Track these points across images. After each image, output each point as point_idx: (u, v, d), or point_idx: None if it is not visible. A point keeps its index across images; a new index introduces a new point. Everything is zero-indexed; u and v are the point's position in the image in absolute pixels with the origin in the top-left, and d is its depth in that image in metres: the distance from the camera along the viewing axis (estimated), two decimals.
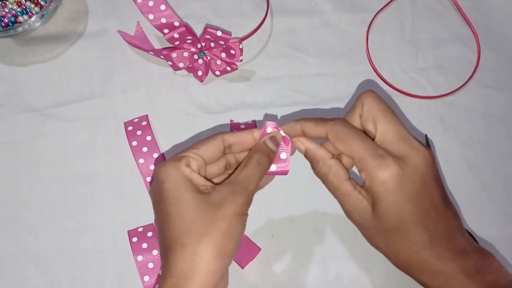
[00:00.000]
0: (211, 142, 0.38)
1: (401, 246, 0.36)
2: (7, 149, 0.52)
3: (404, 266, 0.37)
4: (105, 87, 0.54)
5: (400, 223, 0.35)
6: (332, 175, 0.37)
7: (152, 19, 0.51)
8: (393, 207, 0.35)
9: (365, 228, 0.37)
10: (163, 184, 0.36)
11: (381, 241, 0.37)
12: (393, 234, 0.35)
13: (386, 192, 0.34)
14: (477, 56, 0.57)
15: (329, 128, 0.37)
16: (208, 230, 0.34)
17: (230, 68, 0.53)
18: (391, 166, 0.34)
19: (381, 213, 0.35)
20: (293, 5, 0.58)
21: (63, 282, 0.48)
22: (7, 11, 0.53)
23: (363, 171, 0.35)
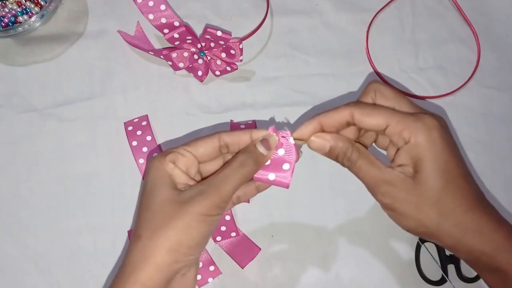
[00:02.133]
0: (206, 140, 0.37)
1: (455, 204, 0.34)
2: (7, 149, 0.52)
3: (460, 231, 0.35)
4: (105, 87, 0.54)
5: (449, 176, 0.34)
6: (362, 159, 0.36)
7: (152, 19, 0.51)
8: (440, 159, 0.34)
9: (407, 204, 0.35)
10: (146, 176, 0.37)
11: (430, 210, 0.34)
12: (443, 193, 0.34)
13: (432, 142, 0.34)
14: (477, 56, 0.57)
15: (352, 108, 0.36)
16: (165, 225, 0.34)
17: (230, 68, 0.53)
18: (429, 119, 0.34)
19: (428, 172, 0.34)
20: (293, 5, 0.58)
21: (63, 282, 0.48)
22: (7, 11, 0.53)
23: (404, 131, 0.34)
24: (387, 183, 0.35)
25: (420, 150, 0.34)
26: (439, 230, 0.35)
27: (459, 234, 0.35)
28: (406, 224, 0.36)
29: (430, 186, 0.34)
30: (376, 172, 0.36)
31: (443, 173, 0.34)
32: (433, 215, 0.35)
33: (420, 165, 0.34)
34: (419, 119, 0.34)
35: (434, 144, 0.34)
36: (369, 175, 0.36)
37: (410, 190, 0.35)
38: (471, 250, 0.35)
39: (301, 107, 0.54)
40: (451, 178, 0.34)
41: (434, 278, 0.48)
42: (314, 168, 0.52)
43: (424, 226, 0.35)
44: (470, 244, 0.35)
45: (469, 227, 0.34)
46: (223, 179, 0.36)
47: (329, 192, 0.51)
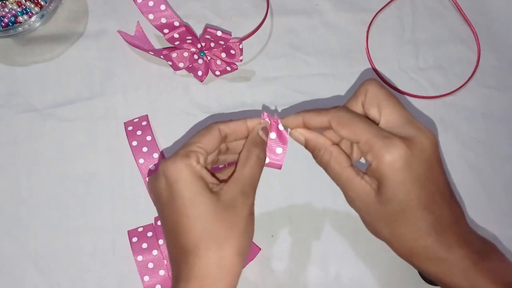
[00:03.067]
0: (210, 134, 0.38)
1: (406, 231, 0.35)
2: (7, 149, 0.52)
3: (408, 253, 0.36)
4: (105, 87, 0.54)
5: (406, 206, 0.34)
6: (334, 162, 0.37)
7: (152, 19, 0.51)
8: (399, 188, 0.34)
9: (368, 214, 0.37)
10: (176, 184, 0.35)
11: (384, 227, 0.36)
12: (398, 218, 0.35)
13: (393, 172, 0.33)
14: (477, 56, 0.57)
15: (331, 115, 0.36)
16: (229, 233, 0.35)
17: (230, 68, 0.53)
18: (398, 145, 0.33)
19: (387, 196, 0.34)
20: (293, 5, 0.58)
21: (63, 282, 0.48)
22: (7, 11, 0.53)
23: (369, 153, 0.34)
24: (353, 190, 0.36)
25: (380, 175, 0.34)
26: (392, 247, 0.37)
27: (409, 257, 0.36)
28: (368, 229, 0.38)
29: (386, 209, 0.35)
30: (345, 176, 0.36)
31: (399, 202, 0.34)
32: (386, 234, 0.36)
33: (380, 187, 0.35)
34: (386, 145, 0.34)
35: (395, 174, 0.34)
36: (340, 178, 0.37)
37: (371, 204, 0.36)
38: (421, 269, 0.37)
39: (301, 107, 0.54)
40: (407, 208, 0.34)
41: None
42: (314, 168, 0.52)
43: (380, 237, 0.37)
44: (420, 266, 0.36)
45: (417, 253, 0.36)
46: (252, 175, 0.37)
47: (329, 192, 0.51)
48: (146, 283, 0.47)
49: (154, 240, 0.48)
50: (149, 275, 0.47)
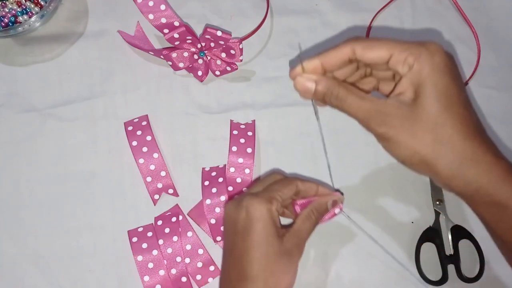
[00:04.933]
0: (290, 187, 0.44)
1: (453, 130, 0.33)
2: (7, 149, 0.52)
3: (455, 159, 0.33)
4: (105, 87, 0.54)
5: (449, 103, 0.33)
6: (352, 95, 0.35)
7: (152, 19, 0.51)
8: (442, 84, 0.33)
9: (405, 130, 0.34)
10: (256, 222, 0.40)
11: (427, 136, 0.33)
12: (442, 118, 0.33)
13: (435, 68, 0.33)
14: (477, 56, 0.57)
15: (352, 43, 0.35)
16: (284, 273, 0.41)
17: (230, 68, 0.53)
18: (434, 45, 0.34)
19: (428, 96, 0.33)
20: (293, 5, 0.58)
21: (63, 282, 0.48)
22: (7, 11, 0.53)
23: (408, 57, 0.34)
24: (381, 112, 0.34)
25: (422, 75, 0.33)
26: (434, 159, 0.34)
27: (456, 163, 0.33)
28: (400, 153, 0.35)
29: (428, 111, 0.33)
30: (368, 104, 0.35)
31: (443, 98, 0.33)
32: (429, 142, 0.33)
33: (420, 90, 0.34)
34: (423, 45, 0.34)
35: (436, 69, 0.33)
36: (362, 108, 0.35)
37: (406, 116, 0.34)
38: (468, 182, 0.34)
39: (301, 107, 0.54)
40: (451, 104, 0.33)
41: (434, 278, 0.48)
42: (314, 168, 0.52)
43: (418, 154, 0.34)
44: (467, 175, 0.34)
45: (466, 156, 0.33)
46: (307, 232, 0.43)
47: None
48: (146, 283, 0.47)
49: (154, 240, 0.48)
50: (149, 275, 0.47)
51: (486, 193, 0.34)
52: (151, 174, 0.50)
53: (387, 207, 0.51)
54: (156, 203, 0.51)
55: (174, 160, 0.52)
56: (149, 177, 0.50)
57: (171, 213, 0.50)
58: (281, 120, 0.54)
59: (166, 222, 0.49)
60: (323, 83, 0.36)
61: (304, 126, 0.53)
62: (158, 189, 0.50)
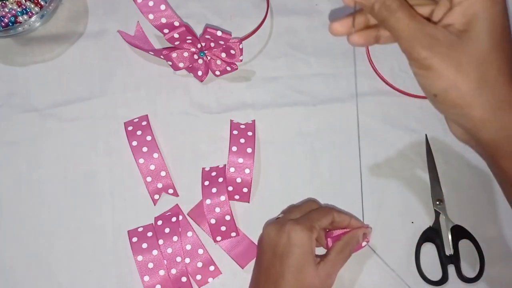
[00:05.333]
0: (327, 217, 0.46)
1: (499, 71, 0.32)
2: (7, 149, 0.52)
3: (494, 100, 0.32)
4: (105, 87, 0.54)
5: (500, 42, 0.32)
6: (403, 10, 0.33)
7: (152, 19, 0.51)
8: (496, 20, 0.31)
9: (450, 58, 0.32)
10: (296, 248, 0.43)
11: (472, 69, 0.32)
12: (490, 56, 0.31)
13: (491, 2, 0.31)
14: None
15: None
16: None
17: (230, 68, 0.53)
18: None
19: (480, 30, 0.31)
20: (293, 5, 0.58)
21: (63, 282, 0.48)
22: (7, 11, 0.53)
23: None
24: (429, 36, 0.32)
25: (477, 7, 0.31)
26: (473, 96, 0.32)
27: (495, 105, 0.32)
28: (438, 85, 0.33)
29: (478, 46, 0.32)
30: (417, 24, 0.32)
31: (495, 34, 0.31)
32: (473, 77, 0.32)
33: (473, 22, 0.32)
34: None
35: (493, 4, 0.31)
36: (410, 26, 0.32)
37: (455, 46, 0.32)
38: (501, 127, 0.32)
39: (301, 107, 0.54)
40: (501, 42, 0.32)
41: (434, 278, 0.48)
42: (314, 167, 0.52)
43: (457, 89, 0.32)
44: (502, 120, 0.32)
45: (506, 99, 0.32)
46: (340, 263, 0.45)
47: (329, 192, 0.51)
48: (146, 283, 0.47)
49: (154, 240, 0.48)
50: (149, 275, 0.47)
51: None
52: (151, 174, 0.50)
53: (387, 207, 0.51)
54: (156, 203, 0.51)
55: (174, 160, 0.52)
56: (149, 177, 0.50)
57: (171, 213, 0.50)
58: (281, 120, 0.53)
59: (166, 222, 0.49)
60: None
61: (304, 126, 0.53)
62: (158, 189, 0.51)
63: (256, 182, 0.51)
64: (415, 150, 0.53)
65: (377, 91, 0.55)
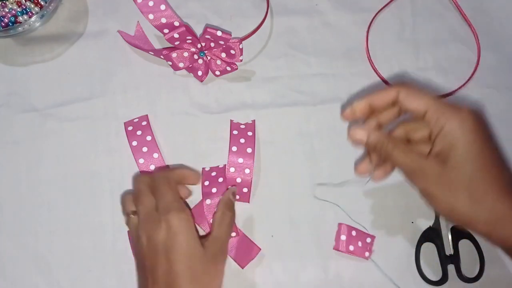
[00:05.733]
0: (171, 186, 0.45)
1: (485, 192, 0.36)
2: (7, 149, 0.52)
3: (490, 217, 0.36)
4: (105, 87, 0.54)
5: (480, 164, 0.36)
6: (398, 150, 0.39)
7: (152, 19, 0.51)
8: (473, 146, 0.35)
9: (441, 186, 0.37)
10: (180, 236, 0.40)
11: (462, 193, 0.36)
12: (475, 180, 0.36)
13: (466, 130, 0.36)
14: (477, 56, 0.57)
15: (398, 88, 0.39)
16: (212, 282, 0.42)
17: (230, 68, 0.53)
18: (467, 109, 0.37)
19: (459, 157, 0.36)
20: (293, 5, 0.58)
21: (63, 282, 0.48)
22: (7, 11, 0.53)
23: (441, 117, 0.37)
24: (421, 169, 0.38)
25: (453, 137, 0.36)
26: (471, 216, 0.36)
27: (492, 221, 0.36)
28: (441, 208, 0.38)
29: (461, 172, 0.36)
30: (410, 160, 0.39)
31: (475, 160, 0.35)
32: (465, 200, 0.36)
33: (452, 151, 0.36)
34: (455, 109, 0.37)
35: (467, 133, 0.36)
36: (405, 163, 0.39)
37: (442, 175, 0.36)
38: (505, 237, 0.36)
39: (301, 107, 0.54)
40: (482, 166, 0.36)
41: (434, 278, 0.48)
42: (314, 167, 0.52)
43: (457, 211, 0.37)
44: (503, 232, 0.36)
45: (500, 215, 0.35)
46: (226, 233, 0.44)
47: (329, 192, 0.51)
48: None
49: None
50: None
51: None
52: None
53: (387, 207, 0.51)
54: None
55: (174, 160, 0.52)
56: None
57: None
58: (281, 120, 0.54)
59: None
60: (373, 136, 0.41)
61: (304, 126, 0.53)
62: None
63: (256, 182, 0.51)
64: None
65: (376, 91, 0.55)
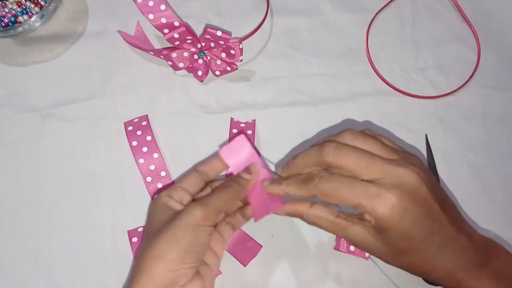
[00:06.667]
0: (188, 174, 0.43)
1: (413, 260, 0.38)
2: (7, 149, 0.52)
3: (420, 274, 0.40)
4: (105, 87, 0.54)
5: (408, 246, 0.37)
6: (321, 221, 0.40)
7: (152, 19, 0.51)
8: (399, 235, 0.36)
9: (374, 251, 0.39)
10: (148, 216, 0.41)
11: (392, 260, 0.39)
12: (403, 254, 0.37)
13: (391, 223, 0.36)
14: (477, 56, 0.57)
15: (313, 189, 0.38)
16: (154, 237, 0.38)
17: (230, 68, 0.53)
18: (388, 198, 0.35)
19: (389, 240, 0.37)
20: (293, 5, 0.58)
21: (63, 282, 0.48)
22: (7, 11, 0.53)
23: (364, 214, 0.37)
24: (350, 237, 0.39)
25: (380, 229, 0.36)
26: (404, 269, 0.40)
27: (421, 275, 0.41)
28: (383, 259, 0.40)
29: (391, 248, 0.37)
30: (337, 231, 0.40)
31: (401, 246, 0.37)
32: (396, 264, 0.39)
33: (382, 233, 0.37)
34: (377, 202, 0.35)
35: (392, 224, 0.36)
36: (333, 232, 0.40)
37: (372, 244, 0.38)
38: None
39: (301, 107, 0.54)
40: (410, 247, 0.37)
41: None
42: None
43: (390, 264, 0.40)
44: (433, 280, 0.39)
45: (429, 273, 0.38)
46: (207, 197, 0.40)
47: None
48: None
49: None
50: None
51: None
52: (151, 174, 0.50)
53: None
54: None
55: (174, 160, 0.52)
56: (149, 177, 0.50)
57: None
58: (281, 120, 0.54)
59: None
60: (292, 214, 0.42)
61: (304, 126, 0.53)
62: (158, 189, 0.51)
63: None
64: (415, 150, 0.53)
65: (377, 91, 0.55)
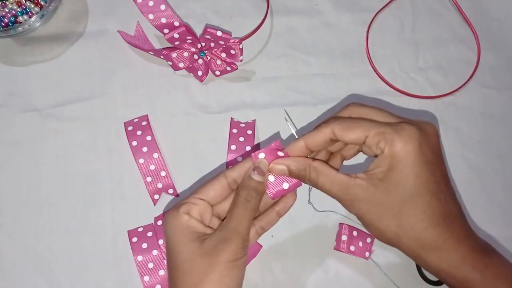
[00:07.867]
0: (213, 182, 0.38)
1: (416, 219, 0.35)
2: (7, 149, 0.52)
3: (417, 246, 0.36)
4: (105, 87, 0.54)
5: (415, 190, 0.34)
6: (322, 175, 0.37)
7: (152, 19, 0.51)
8: (411, 170, 0.34)
9: (371, 212, 0.36)
10: (166, 235, 0.37)
11: (391, 220, 0.35)
12: (406, 205, 0.34)
13: (406, 153, 0.34)
14: (477, 56, 0.57)
15: (332, 125, 0.36)
16: (200, 281, 0.34)
17: (230, 68, 0.53)
18: (409, 129, 0.34)
19: (397, 180, 0.34)
20: (293, 5, 0.58)
21: (63, 282, 0.48)
22: (7, 11, 0.53)
23: (381, 141, 0.34)
24: (349, 195, 0.36)
25: (392, 161, 0.34)
26: (398, 242, 0.36)
27: (417, 249, 0.36)
28: (371, 232, 0.37)
29: (393, 198, 0.35)
30: (337, 187, 0.36)
31: (409, 187, 0.34)
32: (392, 227, 0.35)
33: (389, 174, 0.34)
34: (397, 130, 0.34)
35: (407, 157, 0.34)
36: (332, 190, 0.37)
37: (372, 200, 0.35)
38: (429, 264, 0.36)
39: (301, 107, 0.54)
40: (417, 193, 0.34)
41: (434, 278, 0.48)
42: None
43: (384, 237, 0.36)
44: (428, 259, 0.36)
45: (427, 243, 0.35)
46: (237, 220, 0.36)
47: None
48: (146, 283, 0.47)
49: (154, 240, 0.48)
50: (149, 275, 0.47)
51: (447, 275, 0.36)
52: (151, 174, 0.50)
53: None
54: (156, 203, 0.51)
55: (174, 160, 0.52)
56: (149, 177, 0.50)
57: None
58: (281, 120, 0.54)
59: None
60: (294, 165, 0.37)
61: (304, 126, 0.53)
62: (158, 189, 0.51)
63: None
64: None
65: (377, 91, 0.55)
